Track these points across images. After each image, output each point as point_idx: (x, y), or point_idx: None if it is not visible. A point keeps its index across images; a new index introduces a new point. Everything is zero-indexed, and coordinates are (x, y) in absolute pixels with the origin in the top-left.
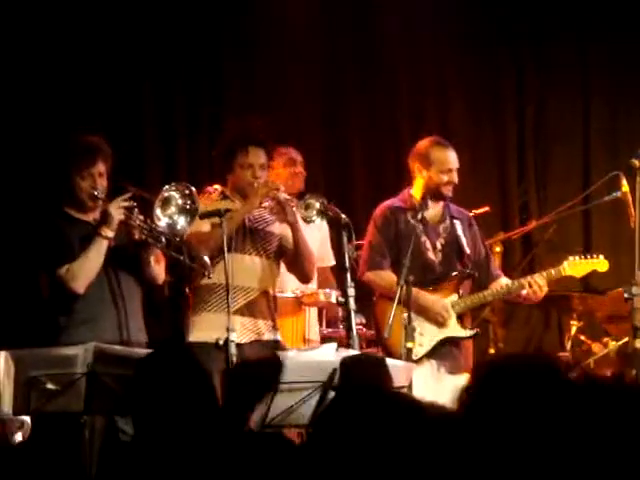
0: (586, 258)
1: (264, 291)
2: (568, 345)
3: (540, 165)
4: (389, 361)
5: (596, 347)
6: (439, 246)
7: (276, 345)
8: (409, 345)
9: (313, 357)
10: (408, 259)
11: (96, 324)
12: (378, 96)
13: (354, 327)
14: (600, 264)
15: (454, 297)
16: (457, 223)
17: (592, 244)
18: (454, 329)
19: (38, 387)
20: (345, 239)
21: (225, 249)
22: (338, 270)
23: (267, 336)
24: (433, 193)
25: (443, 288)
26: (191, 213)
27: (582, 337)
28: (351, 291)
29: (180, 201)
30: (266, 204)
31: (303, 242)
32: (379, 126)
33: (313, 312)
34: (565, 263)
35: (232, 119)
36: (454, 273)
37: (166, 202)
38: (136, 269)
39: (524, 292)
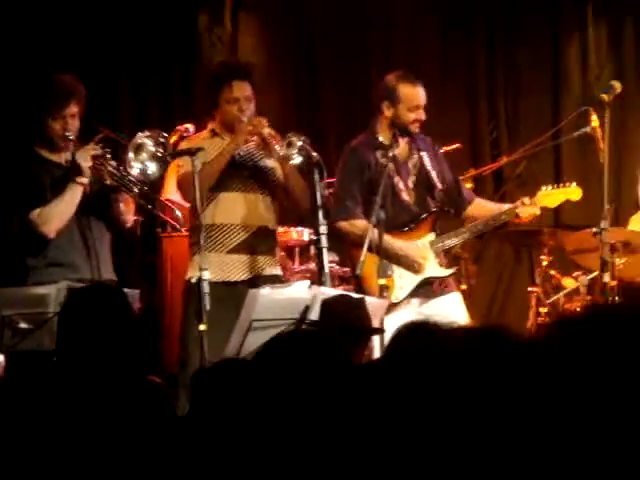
0: (558, 187)
1: (261, 227)
2: (538, 280)
3: (510, 101)
4: (366, 299)
5: (566, 281)
6: (411, 185)
7: (276, 279)
8: (382, 282)
9: (286, 294)
10: (380, 197)
11: (66, 265)
12: (349, 35)
13: (326, 265)
14: (573, 192)
15: (431, 236)
16: (424, 155)
17: (562, 179)
18: (433, 269)
19: (11, 326)
20: (317, 177)
21: (197, 188)
22: (310, 208)
23: (267, 271)
24: (400, 130)
25: (419, 229)
26: (163, 160)
27: (552, 272)
28: (323, 229)
29: (153, 148)
30: (252, 142)
31: (293, 175)
32: (349, 63)
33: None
34: (538, 194)
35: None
36: (428, 213)
37: (139, 148)
38: (106, 213)
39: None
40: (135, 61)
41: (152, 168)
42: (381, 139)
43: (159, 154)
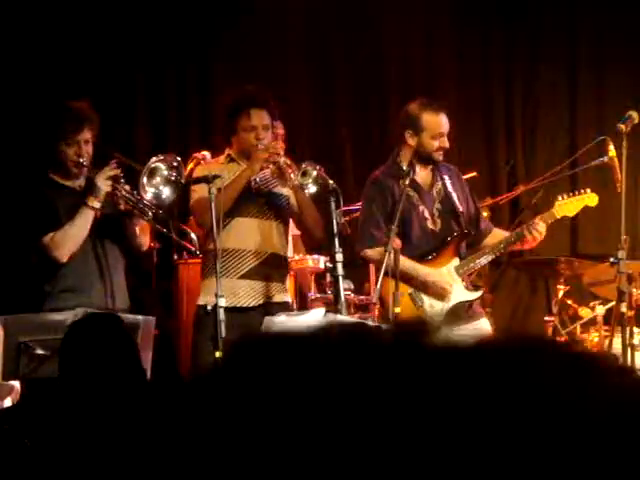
0: (574, 195)
1: (272, 253)
2: (555, 309)
3: (528, 130)
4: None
5: (583, 311)
6: (436, 212)
7: (285, 307)
8: (397, 310)
9: (301, 322)
10: (395, 225)
11: (81, 292)
12: (365, 61)
13: (342, 292)
14: (590, 198)
15: (456, 261)
16: (446, 180)
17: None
18: (461, 294)
19: (27, 352)
20: (333, 205)
21: (213, 214)
22: (326, 236)
23: (277, 298)
24: (423, 159)
25: (444, 255)
26: (177, 185)
27: (569, 301)
28: (339, 256)
29: (166, 172)
30: (268, 169)
31: (307, 204)
32: (366, 92)
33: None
34: (556, 204)
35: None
36: (451, 237)
37: (152, 173)
38: (121, 238)
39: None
40: (152, 87)
41: (166, 192)
42: (401, 169)
43: (173, 178)
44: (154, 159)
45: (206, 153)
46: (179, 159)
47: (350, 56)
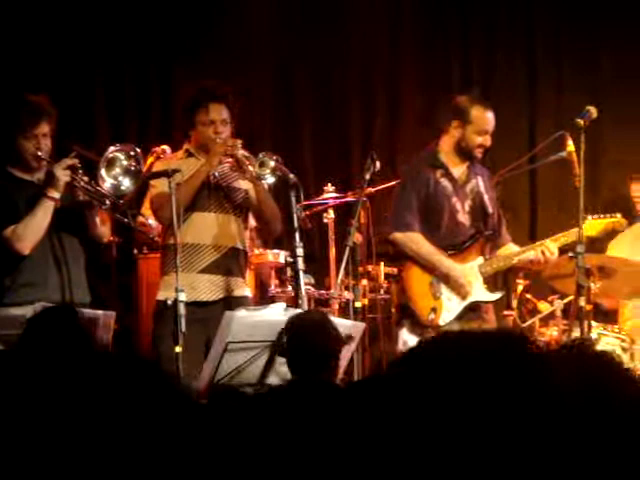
0: (604, 217)
1: (232, 247)
2: (514, 303)
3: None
4: (336, 320)
5: (542, 305)
6: (467, 208)
7: (245, 301)
8: (357, 305)
9: (262, 317)
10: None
11: (39, 286)
12: (327, 53)
13: (302, 287)
14: (618, 223)
15: (480, 260)
16: (480, 180)
17: (538, 203)
18: (480, 293)
19: None
20: (294, 199)
21: (174, 209)
22: (287, 230)
23: (237, 292)
24: (462, 152)
25: (470, 251)
26: (136, 175)
27: (528, 295)
28: (299, 251)
29: (125, 162)
30: (226, 163)
31: (266, 197)
32: (327, 83)
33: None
34: (586, 223)
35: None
36: (479, 235)
37: (111, 163)
38: (80, 230)
39: (532, 256)
40: (111, 81)
41: (125, 183)
42: (442, 159)
43: (132, 168)
44: (112, 148)
45: (166, 147)
46: (137, 149)
47: (312, 50)
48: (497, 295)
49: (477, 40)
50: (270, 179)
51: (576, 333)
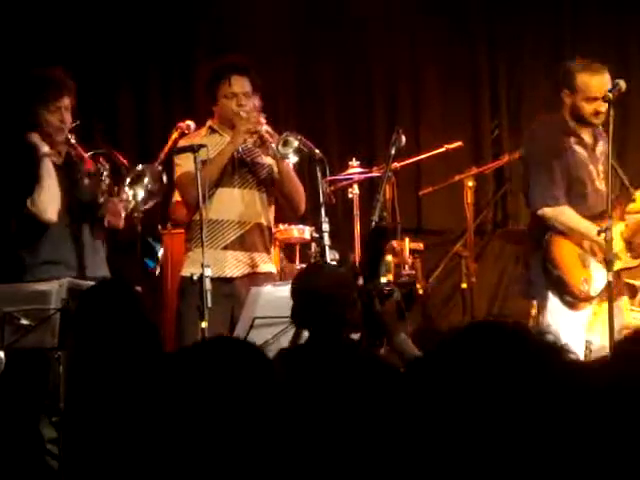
0: None
1: (256, 223)
2: None
3: (513, 99)
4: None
5: None
6: (602, 174)
7: (270, 277)
8: (383, 280)
9: (288, 292)
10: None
11: (60, 262)
12: (351, 35)
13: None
14: None
15: (622, 226)
16: (604, 143)
17: None
18: (625, 260)
19: (12, 322)
20: (319, 174)
21: (199, 184)
22: (312, 206)
23: (261, 268)
24: (580, 120)
25: (612, 218)
26: (154, 195)
27: None
28: (325, 227)
29: (149, 185)
30: (250, 139)
31: (289, 174)
32: (351, 60)
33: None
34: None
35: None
36: (617, 200)
37: (137, 178)
38: (96, 214)
39: None
40: (134, 58)
41: (142, 199)
42: (571, 125)
43: (153, 189)
44: (141, 167)
45: (190, 123)
46: (164, 175)
47: (336, 27)
48: (637, 261)
49: (505, 14)
50: (293, 158)
51: (605, 304)
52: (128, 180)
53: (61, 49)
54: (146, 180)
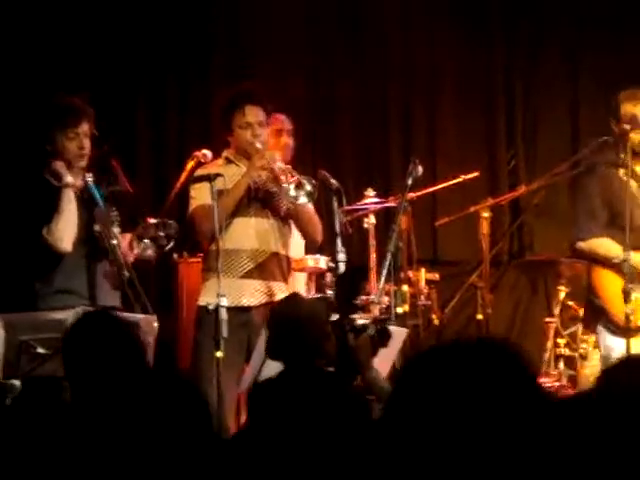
0: None
1: (274, 253)
2: (556, 310)
3: (529, 130)
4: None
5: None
6: None
7: None
8: (399, 310)
9: None
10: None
11: (72, 292)
12: (367, 60)
13: None
14: None
15: None
16: None
17: None
18: None
19: (28, 351)
20: (335, 204)
21: (215, 213)
22: (328, 236)
23: (279, 297)
24: (633, 152)
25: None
26: (160, 247)
27: (570, 302)
28: (341, 256)
29: (159, 233)
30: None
31: (303, 208)
32: (367, 89)
33: (301, 278)
34: None
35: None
36: None
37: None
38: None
39: None
40: (152, 84)
41: (149, 252)
42: (622, 156)
43: (162, 243)
44: (153, 221)
45: (207, 152)
46: (176, 234)
47: (351, 47)
48: None
49: (519, 44)
50: (303, 200)
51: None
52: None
53: (78, 77)
54: (160, 234)
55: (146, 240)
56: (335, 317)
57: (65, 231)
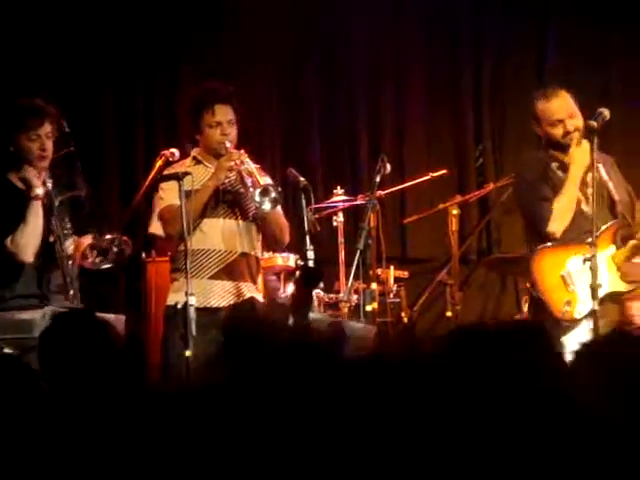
0: None
1: (242, 253)
2: (525, 307)
3: (497, 128)
4: (347, 323)
5: None
6: (590, 197)
7: None
8: (368, 308)
9: None
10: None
11: (33, 297)
12: (334, 60)
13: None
14: None
15: (612, 249)
16: (601, 168)
17: None
18: (615, 284)
19: None
20: (304, 202)
21: (183, 213)
22: (297, 234)
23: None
24: (558, 146)
25: (600, 241)
26: (112, 263)
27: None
28: (310, 254)
29: (114, 256)
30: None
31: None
32: (335, 87)
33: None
34: None
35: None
36: (610, 223)
37: (103, 251)
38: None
39: None
40: (119, 87)
41: (105, 265)
42: (551, 152)
43: (112, 257)
44: (109, 237)
45: (174, 150)
46: (129, 249)
47: (319, 47)
48: (631, 286)
49: (487, 43)
50: (267, 206)
51: None
52: (95, 252)
53: (43, 75)
54: (114, 249)
55: (96, 252)
56: (290, 321)
57: (29, 243)
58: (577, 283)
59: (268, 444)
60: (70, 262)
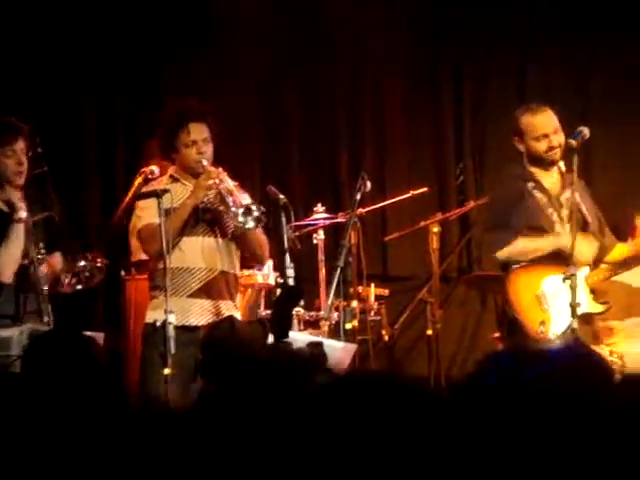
0: None
1: (221, 271)
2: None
3: (478, 146)
4: (327, 341)
5: None
6: (565, 218)
7: None
8: (347, 326)
9: None
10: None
11: (7, 317)
12: (316, 77)
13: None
14: None
15: (586, 270)
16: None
17: None
18: (588, 305)
19: None
20: (284, 220)
21: (163, 231)
22: (277, 251)
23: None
24: (539, 162)
25: (575, 262)
26: (91, 286)
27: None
28: (290, 272)
29: (88, 281)
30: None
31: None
32: (316, 105)
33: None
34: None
35: (168, 101)
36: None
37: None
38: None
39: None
40: (102, 96)
41: (79, 287)
42: (530, 170)
43: (83, 281)
44: (84, 264)
45: (154, 168)
46: (103, 270)
47: (300, 64)
48: (604, 307)
49: (469, 61)
50: (250, 224)
51: None
52: (68, 274)
53: (24, 90)
54: (86, 274)
55: (70, 275)
56: (270, 340)
57: (8, 264)
58: (551, 304)
59: (244, 463)
60: (45, 286)
